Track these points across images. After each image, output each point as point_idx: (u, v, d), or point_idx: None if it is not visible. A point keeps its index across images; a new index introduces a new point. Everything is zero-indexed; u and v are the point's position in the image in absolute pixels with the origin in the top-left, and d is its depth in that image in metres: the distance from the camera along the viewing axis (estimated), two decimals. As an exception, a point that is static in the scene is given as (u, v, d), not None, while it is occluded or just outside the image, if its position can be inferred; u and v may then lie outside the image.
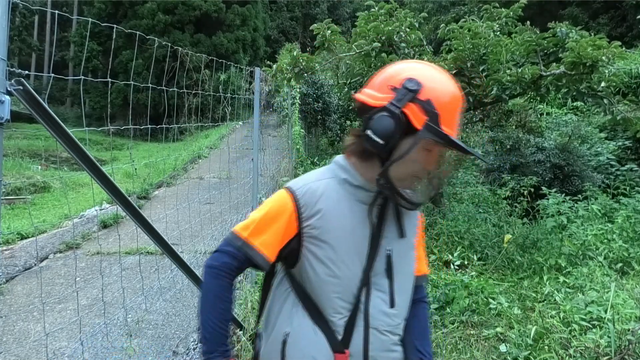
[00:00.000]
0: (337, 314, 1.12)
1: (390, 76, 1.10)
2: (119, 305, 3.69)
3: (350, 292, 1.12)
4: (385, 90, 1.07)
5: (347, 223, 1.11)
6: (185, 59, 8.74)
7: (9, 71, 1.37)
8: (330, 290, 1.12)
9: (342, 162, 1.17)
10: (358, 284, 1.12)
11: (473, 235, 5.31)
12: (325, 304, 1.13)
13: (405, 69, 1.11)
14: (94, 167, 1.76)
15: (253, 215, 1.14)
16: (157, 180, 8.63)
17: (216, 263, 1.12)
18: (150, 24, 19.18)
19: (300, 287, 1.16)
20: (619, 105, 4.80)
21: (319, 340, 1.13)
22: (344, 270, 1.11)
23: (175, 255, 2.40)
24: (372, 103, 1.08)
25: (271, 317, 1.21)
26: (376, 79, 1.13)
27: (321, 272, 1.11)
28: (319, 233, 1.10)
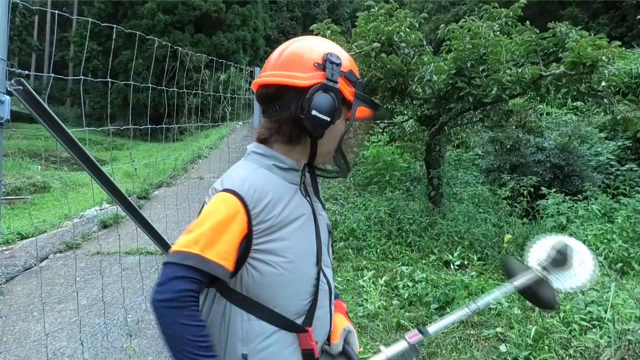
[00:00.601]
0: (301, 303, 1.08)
1: (302, 54, 1.09)
2: (119, 305, 3.69)
3: (311, 276, 1.10)
4: (309, 69, 1.07)
5: (292, 207, 1.08)
6: (185, 59, 8.74)
7: (9, 71, 1.37)
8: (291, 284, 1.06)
9: (262, 150, 1.13)
10: (315, 266, 1.11)
11: (473, 235, 5.31)
12: (287, 301, 1.06)
13: (314, 45, 1.12)
14: (94, 167, 1.76)
15: (197, 229, 0.98)
16: (157, 180, 8.63)
17: (171, 295, 0.91)
18: (150, 24, 19.18)
19: (244, 297, 1.05)
20: (619, 105, 4.80)
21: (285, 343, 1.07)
22: (303, 255, 1.08)
23: (175, 255, 2.39)
24: (303, 84, 1.05)
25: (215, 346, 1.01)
26: (280, 61, 1.10)
27: (279, 265, 1.03)
28: (269, 225, 1.03)
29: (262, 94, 1.12)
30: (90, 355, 3.05)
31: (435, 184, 6.20)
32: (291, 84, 1.06)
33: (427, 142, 6.40)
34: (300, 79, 1.06)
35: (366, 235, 5.43)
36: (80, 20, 17.34)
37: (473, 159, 9.78)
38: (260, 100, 1.14)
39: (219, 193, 1.04)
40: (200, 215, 1.03)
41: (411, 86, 4.91)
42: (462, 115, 6.16)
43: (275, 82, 1.08)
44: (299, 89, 1.05)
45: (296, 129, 1.09)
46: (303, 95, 1.04)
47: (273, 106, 1.10)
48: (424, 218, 5.75)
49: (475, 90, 4.64)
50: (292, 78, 1.06)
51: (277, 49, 1.16)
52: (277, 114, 1.09)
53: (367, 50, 4.65)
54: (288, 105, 1.06)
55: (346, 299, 3.93)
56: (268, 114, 1.13)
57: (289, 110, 1.06)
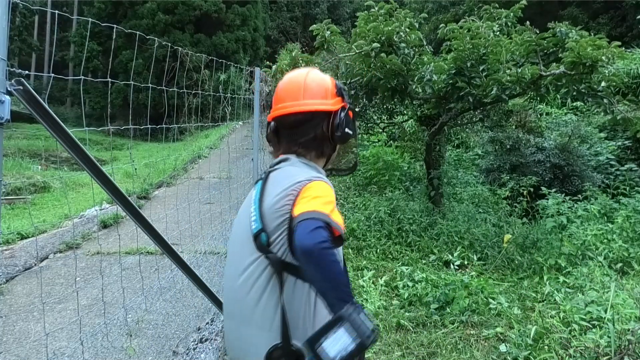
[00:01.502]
0: None
1: (324, 85, 1.40)
2: (119, 305, 3.69)
3: None
4: (333, 95, 1.39)
5: None
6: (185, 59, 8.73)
7: (9, 71, 1.37)
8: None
9: (305, 161, 1.37)
10: None
11: (473, 235, 5.31)
12: None
13: (323, 77, 1.43)
14: (94, 167, 1.76)
15: (317, 202, 1.17)
16: (157, 180, 8.63)
17: (323, 239, 1.08)
18: (150, 23, 19.18)
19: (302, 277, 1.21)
20: (619, 105, 4.79)
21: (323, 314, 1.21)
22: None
23: (175, 255, 2.40)
24: (332, 109, 1.37)
25: (307, 323, 1.18)
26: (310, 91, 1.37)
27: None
28: None
29: (293, 120, 1.37)
30: (90, 355, 3.05)
31: (435, 184, 6.20)
32: (323, 110, 1.36)
33: (427, 142, 6.40)
34: (329, 105, 1.37)
35: (366, 235, 5.43)
36: (80, 20, 17.32)
37: (473, 159, 9.78)
38: (289, 125, 1.39)
39: (312, 182, 1.24)
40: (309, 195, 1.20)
41: (411, 86, 4.90)
42: (462, 115, 6.16)
43: (310, 110, 1.35)
44: (327, 112, 1.36)
45: (326, 145, 1.40)
46: (331, 117, 1.36)
47: (302, 128, 1.36)
48: (424, 218, 5.75)
49: (475, 90, 4.64)
50: (323, 105, 1.36)
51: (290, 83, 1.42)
52: (308, 133, 1.37)
53: (367, 50, 4.65)
54: (319, 126, 1.36)
55: (346, 299, 3.92)
56: (297, 134, 1.38)
57: (320, 129, 1.36)
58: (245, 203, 1.41)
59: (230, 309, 1.32)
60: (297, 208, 1.18)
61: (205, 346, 3.16)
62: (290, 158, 1.36)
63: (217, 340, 3.21)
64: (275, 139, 1.45)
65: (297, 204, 1.20)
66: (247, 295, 1.23)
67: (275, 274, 1.21)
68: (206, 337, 3.25)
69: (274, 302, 1.20)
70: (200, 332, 3.34)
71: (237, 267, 1.28)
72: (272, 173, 1.35)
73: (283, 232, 1.21)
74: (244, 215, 1.34)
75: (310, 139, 1.36)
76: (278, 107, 1.40)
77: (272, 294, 1.21)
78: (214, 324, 3.43)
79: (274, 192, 1.26)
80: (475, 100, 4.77)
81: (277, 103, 1.41)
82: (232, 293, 1.30)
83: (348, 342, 1.00)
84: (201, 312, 3.68)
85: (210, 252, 4.68)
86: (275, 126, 1.43)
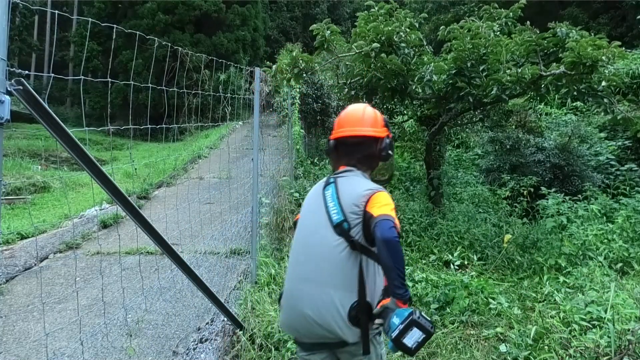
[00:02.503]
0: None
1: (376, 118, 1.94)
2: (119, 305, 3.69)
3: None
4: (382, 126, 1.94)
5: None
6: (185, 58, 8.74)
7: (9, 71, 1.37)
8: None
9: (366, 175, 1.92)
10: None
11: (473, 235, 5.31)
12: None
13: (375, 111, 1.97)
14: (94, 167, 1.76)
15: (386, 208, 1.69)
16: (157, 180, 8.63)
17: (397, 235, 1.60)
18: (150, 23, 19.16)
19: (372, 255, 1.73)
20: (619, 105, 4.79)
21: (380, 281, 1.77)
22: None
23: (175, 255, 2.40)
24: (382, 135, 1.91)
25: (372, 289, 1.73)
26: (364, 120, 1.92)
27: None
28: None
29: (352, 141, 1.90)
30: (90, 355, 3.05)
31: (435, 184, 6.20)
32: (377, 136, 1.90)
33: (427, 142, 6.40)
34: (380, 132, 1.91)
35: (366, 235, 5.42)
36: (80, 20, 17.32)
37: (473, 159, 9.78)
38: (349, 145, 1.91)
39: (379, 192, 1.76)
40: (380, 202, 1.71)
41: (411, 86, 4.90)
42: (462, 115, 6.16)
43: (368, 135, 1.89)
44: (376, 138, 1.90)
45: (374, 161, 1.95)
46: (379, 141, 1.89)
47: (359, 148, 1.90)
48: (424, 218, 5.74)
49: (475, 90, 4.64)
50: (377, 132, 1.90)
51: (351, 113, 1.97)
52: (363, 152, 1.90)
53: (367, 50, 4.65)
54: (370, 147, 1.89)
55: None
56: (355, 152, 1.90)
57: (371, 149, 1.89)
58: (313, 199, 1.93)
59: (312, 276, 1.76)
60: (374, 210, 1.68)
61: (205, 346, 3.16)
62: (353, 170, 1.88)
63: (217, 340, 3.21)
64: (335, 154, 1.97)
65: (372, 206, 1.70)
66: (331, 266, 1.72)
67: (353, 252, 1.72)
68: (206, 337, 3.25)
69: (354, 272, 1.71)
70: (200, 332, 3.34)
71: (319, 247, 1.78)
72: (340, 179, 1.86)
73: (359, 224, 1.72)
74: (317, 208, 1.85)
75: (364, 156, 1.90)
76: (340, 130, 1.93)
77: (353, 266, 1.71)
78: (214, 324, 3.43)
79: (349, 194, 1.78)
80: (475, 100, 4.77)
81: (339, 127, 1.95)
82: (315, 265, 1.77)
83: (418, 336, 1.54)
84: (201, 312, 3.68)
85: (210, 252, 4.68)
86: (335, 144, 1.96)
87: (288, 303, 1.84)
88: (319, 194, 1.87)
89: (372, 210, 1.68)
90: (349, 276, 1.70)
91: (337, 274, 1.71)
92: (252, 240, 3.92)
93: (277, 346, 3.02)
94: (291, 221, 5.56)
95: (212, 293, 2.80)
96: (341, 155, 1.93)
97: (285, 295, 1.87)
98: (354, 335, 1.69)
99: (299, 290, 1.79)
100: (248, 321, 3.25)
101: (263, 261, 4.11)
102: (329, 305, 1.69)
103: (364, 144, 1.88)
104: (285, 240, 5.30)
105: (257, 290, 3.66)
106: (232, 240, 4.81)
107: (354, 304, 1.68)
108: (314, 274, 1.75)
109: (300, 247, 1.89)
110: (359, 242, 1.71)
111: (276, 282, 3.88)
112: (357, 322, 1.68)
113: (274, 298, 3.63)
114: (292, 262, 1.91)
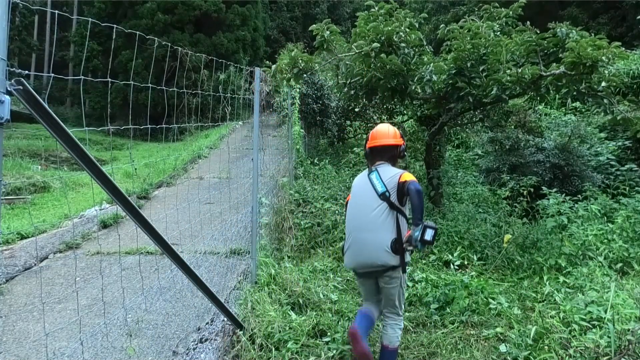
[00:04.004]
0: None
1: (396, 133, 3.11)
2: (119, 305, 3.69)
3: None
4: (399, 137, 3.11)
5: None
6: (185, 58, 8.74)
7: (9, 71, 1.37)
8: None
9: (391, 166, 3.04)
10: None
11: (473, 235, 5.31)
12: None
13: (395, 129, 3.15)
14: (94, 167, 1.76)
15: (413, 177, 2.83)
16: (157, 180, 8.63)
17: (421, 187, 2.74)
18: (150, 23, 19.14)
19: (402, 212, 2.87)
20: (619, 106, 4.79)
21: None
22: None
23: (175, 255, 2.40)
24: (400, 143, 3.08)
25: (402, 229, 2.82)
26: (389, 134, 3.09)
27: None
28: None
29: (381, 148, 3.06)
30: (90, 355, 3.05)
31: (435, 184, 6.20)
32: (397, 144, 3.07)
33: (427, 142, 6.40)
34: (399, 142, 3.08)
35: (366, 235, 5.42)
36: (80, 20, 17.33)
37: (473, 159, 9.78)
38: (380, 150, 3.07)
39: (405, 172, 2.89)
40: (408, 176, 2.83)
41: (411, 86, 4.90)
42: (462, 115, 6.16)
43: (391, 144, 3.06)
44: (399, 145, 3.08)
45: (395, 158, 3.11)
46: (398, 147, 3.07)
47: (386, 151, 3.05)
48: (423, 218, 5.73)
49: (475, 90, 4.64)
50: (397, 142, 3.07)
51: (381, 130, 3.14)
52: (388, 153, 3.05)
53: (367, 50, 4.65)
54: (393, 151, 3.07)
55: (346, 299, 3.93)
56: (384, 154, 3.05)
57: (394, 152, 3.07)
58: (361, 182, 3.06)
59: (365, 226, 2.86)
60: (406, 178, 2.80)
61: (205, 346, 3.16)
62: (384, 163, 3.03)
63: (217, 340, 3.21)
64: (371, 155, 3.13)
65: (404, 178, 2.81)
66: (378, 219, 2.81)
67: (391, 211, 2.82)
68: (206, 337, 3.25)
69: (392, 222, 2.81)
70: (200, 332, 3.34)
71: (368, 209, 2.86)
72: (379, 168, 2.99)
73: (394, 191, 2.83)
74: (365, 186, 2.97)
75: (390, 156, 3.07)
76: (375, 142, 3.09)
77: (391, 218, 2.81)
78: (214, 324, 3.43)
79: (388, 175, 2.90)
80: (475, 100, 4.77)
81: (373, 139, 3.11)
82: (366, 220, 2.86)
83: (431, 232, 2.62)
84: (201, 312, 3.68)
85: (210, 252, 4.68)
86: (370, 150, 3.12)
87: (352, 248, 2.92)
88: (366, 179, 3.00)
89: (404, 179, 2.80)
90: (390, 224, 2.80)
91: (382, 223, 2.80)
92: (252, 240, 3.92)
93: (277, 346, 3.02)
94: (291, 221, 5.56)
95: (212, 293, 2.80)
96: (375, 156, 3.09)
97: (349, 244, 2.95)
98: (395, 260, 2.75)
99: (360, 238, 2.87)
100: (248, 321, 3.25)
101: (263, 261, 4.11)
102: (380, 243, 2.77)
103: (390, 149, 3.06)
104: (285, 240, 5.30)
105: (257, 290, 3.66)
106: (232, 240, 4.81)
107: (394, 240, 2.76)
108: (368, 226, 2.84)
109: (355, 211, 2.98)
110: (395, 204, 2.82)
111: (276, 282, 3.88)
112: (397, 250, 2.75)
113: (274, 298, 3.63)
114: (349, 222, 3.02)
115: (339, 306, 3.69)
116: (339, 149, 9.93)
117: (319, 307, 3.63)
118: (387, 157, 3.05)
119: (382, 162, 3.02)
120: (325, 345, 3.08)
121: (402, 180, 2.79)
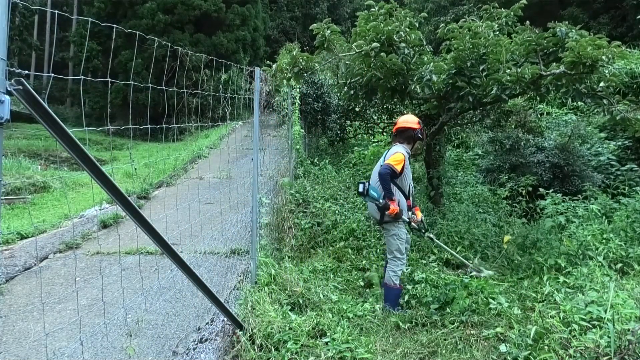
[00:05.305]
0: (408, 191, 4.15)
1: (414, 119, 4.16)
2: (118, 305, 3.69)
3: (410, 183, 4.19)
4: (417, 123, 4.13)
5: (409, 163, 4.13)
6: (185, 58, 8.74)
7: (9, 71, 1.37)
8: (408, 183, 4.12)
9: (404, 145, 4.12)
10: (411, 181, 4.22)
11: (473, 235, 5.31)
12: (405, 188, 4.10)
13: (414, 117, 4.21)
14: (94, 167, 1.76)
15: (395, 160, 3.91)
16: (157, 180, 8.63)
17: (385, 171, 3.84)
18: (150, 23, 19.14)
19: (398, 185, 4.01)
20: (618, 105, 4.79)
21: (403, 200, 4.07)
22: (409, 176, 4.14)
23: (175, 255, 2.40)
24: (416, 127, 4.11)
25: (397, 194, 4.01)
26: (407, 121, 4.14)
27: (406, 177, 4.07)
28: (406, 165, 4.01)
29: (402, 130, 4.12)
30: (90, 355, 3.05)
31: (435, 184, 6.20)
32: (413, 127, 4.10)
33: (427, 142, 6.39)
34: (415, 126, 4.12)
35: (366, 235, 5.43)
36: (80, 20, 17.32)
37: (473, 159, 9.77)
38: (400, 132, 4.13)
39: (398, 152, 3.98)
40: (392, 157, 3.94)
41: (411, 86, 4.90)
42: (462, 115, 6.15)
43: (409, 127, 4.10)
44: (415, 128, 4.11)
45: (412, 140, 4.13)
46: (416, 131, 4.09)
47: (405, 133, 4.11)
48: (423, 218, 5.73)
49: (475, 90, 4.64)
50: (413, 125, 4.12)
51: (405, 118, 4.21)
52: (406, 134, 4.11)
53: (367, 50, 4.65)
54: (408, 132, 4.10)
55: (346, 299, 3.92)
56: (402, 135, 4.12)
57: (409, 133, 4.10)
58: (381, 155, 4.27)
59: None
60: (386, 161, 3.91)
61: (205, 346, 3.16)
62: (397, 143, 4.08)
63: (217, 340, 3.21)
64: (393, 135, 4.15)
65: (388, 157, 3.96)
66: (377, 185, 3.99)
67: None
68: (206, 337, 3.25)
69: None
70: (200, 332, 3.34)
71: (374, 177, 4.02)
72: (392, 147, 4.09)
73: None
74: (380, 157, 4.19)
75: (407, 137, 4.08)
76: (398, 125, 4.13)
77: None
78: (214, 324, 3.43)
79: (390, 153, 3.99)
80: (475, 100, 4.77)
81: (395, 124, 4.17)
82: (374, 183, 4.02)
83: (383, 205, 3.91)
84: (201, 312, 3.69)
85: (210, 252, 4.68)
86: (393, 132, 4.16)
87: (367, 205, 4.21)
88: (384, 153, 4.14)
89: (385, 161, 3.86)
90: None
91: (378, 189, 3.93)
92: (252, 240, 3.92)
93: (277, 346, 3.02)
94: (291, 221, 5.56)
95: (212, 293, 2.80)
96: (395, 137, 4.11)
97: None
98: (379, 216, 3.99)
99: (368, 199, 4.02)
100: (248, 321, 3.25)
101: (263, 261, 4.11)
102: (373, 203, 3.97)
103: (405, 131, 4.06)
104: (285, 240, 5.30)
105: (257, 290, 3.66)
106: (232, 240, 4.81)
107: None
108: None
109: (371, 178, 4.15)
110: None
111: (276, 282, 3.88)
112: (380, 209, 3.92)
113: (274, 298, 3.63)
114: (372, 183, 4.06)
115: (339, 306, 3.69)
116: (339, 149, 9.92)
117: (319, 307, 3.63)
118: (404, 137, 4.05)
119: (397, 142, 4.07)
120: (324, 345, 3.08)
121: (385, 162, 3.84)
